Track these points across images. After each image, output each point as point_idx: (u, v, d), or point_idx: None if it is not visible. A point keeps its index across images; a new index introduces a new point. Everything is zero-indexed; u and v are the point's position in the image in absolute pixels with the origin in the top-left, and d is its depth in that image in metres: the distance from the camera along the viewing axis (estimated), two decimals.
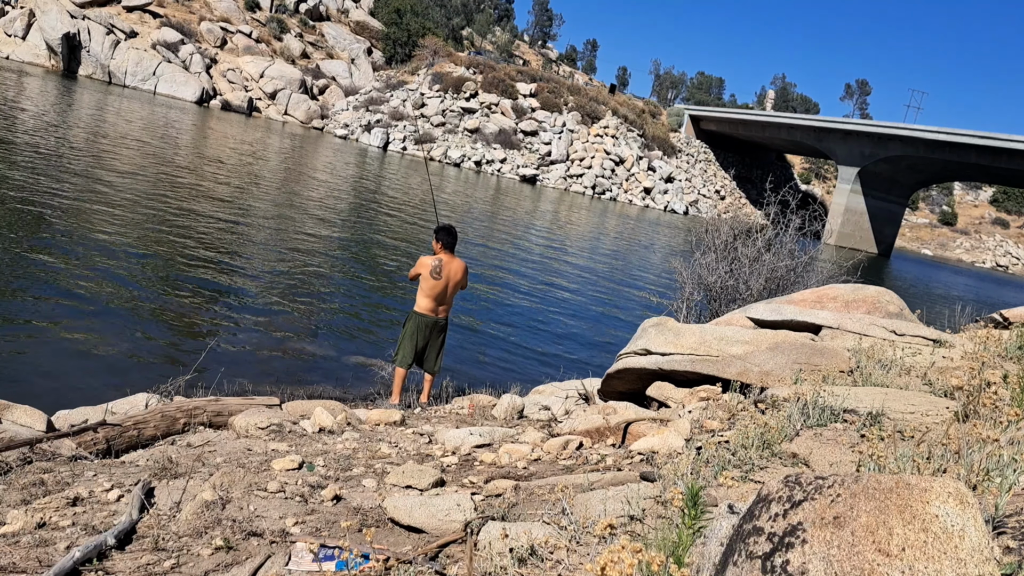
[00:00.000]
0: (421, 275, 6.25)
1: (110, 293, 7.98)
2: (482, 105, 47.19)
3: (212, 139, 26.89)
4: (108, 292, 7.99)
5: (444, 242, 6.29)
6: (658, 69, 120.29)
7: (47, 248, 9.02)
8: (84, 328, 6.88)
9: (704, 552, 1.78)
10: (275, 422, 4.67)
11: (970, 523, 1.23)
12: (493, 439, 4.28)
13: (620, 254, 23.05)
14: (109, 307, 7.58)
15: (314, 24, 53.27)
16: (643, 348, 5.21)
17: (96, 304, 7.56)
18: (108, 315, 7.36)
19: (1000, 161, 44.97)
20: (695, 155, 58.81)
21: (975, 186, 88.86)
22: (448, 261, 6.24)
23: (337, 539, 2.60)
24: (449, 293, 6.32)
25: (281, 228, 13.98)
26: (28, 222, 9.90)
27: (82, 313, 7.22)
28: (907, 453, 2.40)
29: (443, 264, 6.20)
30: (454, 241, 6.31)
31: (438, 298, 6.27)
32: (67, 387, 5.62)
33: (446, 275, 6.21)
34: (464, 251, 15.69)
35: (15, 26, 38.48)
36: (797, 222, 10.36)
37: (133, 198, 13.13)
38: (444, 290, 6.26)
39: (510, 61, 60.47)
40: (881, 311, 5.84)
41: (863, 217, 53.60)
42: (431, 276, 6.19)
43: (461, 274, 6.34)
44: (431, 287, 6.22)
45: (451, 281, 6.26)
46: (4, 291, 7.35)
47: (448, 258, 6.26)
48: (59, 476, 3.40)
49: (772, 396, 3.77)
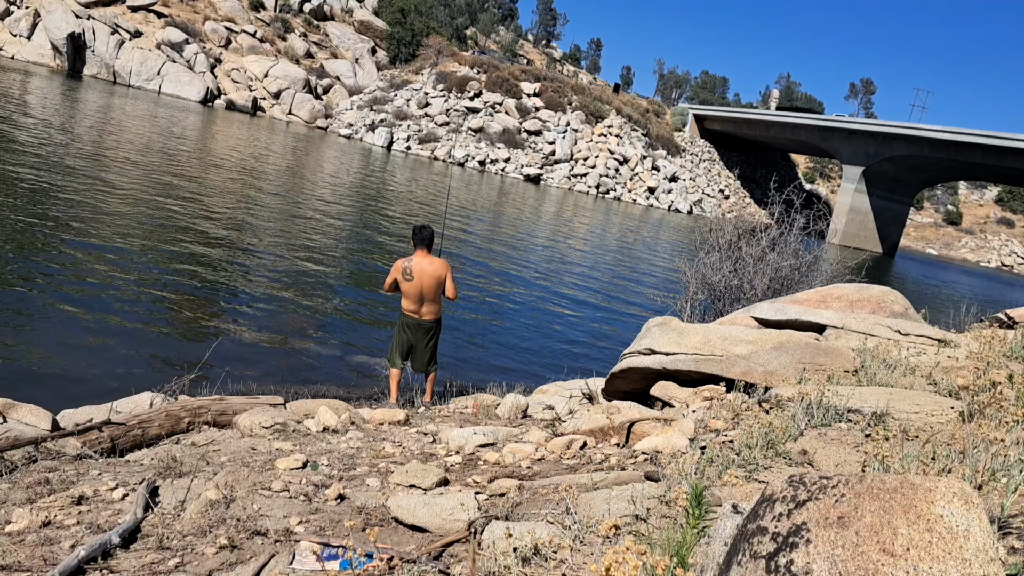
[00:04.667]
0: (396, 278, 6.16)
1: (115, 293, 8.00)
2: (486, 104, 47.19)
3: (216, 139, 26.94)
4: (113, 292, 8.01)
5: (415, 241, 6.15)
6: (662, 68, 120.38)
7: (52, 248, 9.04)
8: (89, 328, 6.90)
9: (708, 552, 1.77)
10: (279, 421, 4.67)
11: (975, 523, 1.22)
12: (497, 438, 4.28)
13: (624, 254, 23.03)
14: (114, 306, 7.60)
15: (318, 24, 53.34)
16: (647, 348, 5.20)
17: (101, 303, 7.59)
18: (113, 314, 7.38)
19: (1006, 160, 44.80)
20: (699, 154, 58.73)
21: (980, 185, 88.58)
22: (420, 261, 6.09)
23: (341, 538, 2.61)
24: (427, 293, 6.14)
25: (285, 228, 14.00)
26: (33, 222, 9.92)
27: (87, 313, 7.24)
28: (912, 453, 2.39)
29: (414, 264, 6.07)
30: (425, 239, 6.12)
31: (416, 299, 6.15)
32: (72, 386, 5.64)
33: (418, 275, 6.06)
34: (465, 251, 15.71)
35: (20, 26, 38.61)
36: (801, 221, 10.33)
37: (137, 198, 13.16)
38: (420, 291, 6.10)
39: (514, 60, 60.48)
40: (886, 311, 5.83)
41: (868, 216, 53.47)
42: (404, 278, 6.09)
43: (437, 273, 6.11)
44: (406, 289, 6.13)
45: (425, 280, 6.08)
46: (9, 290, 7.38)
47: (421, 257, 6.10)
48: (64, 475, 3.41)
49: (776, 396, 3.77)
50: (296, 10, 53.08)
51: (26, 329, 6.56)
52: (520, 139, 46.08)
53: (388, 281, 6.24)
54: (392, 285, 6.23)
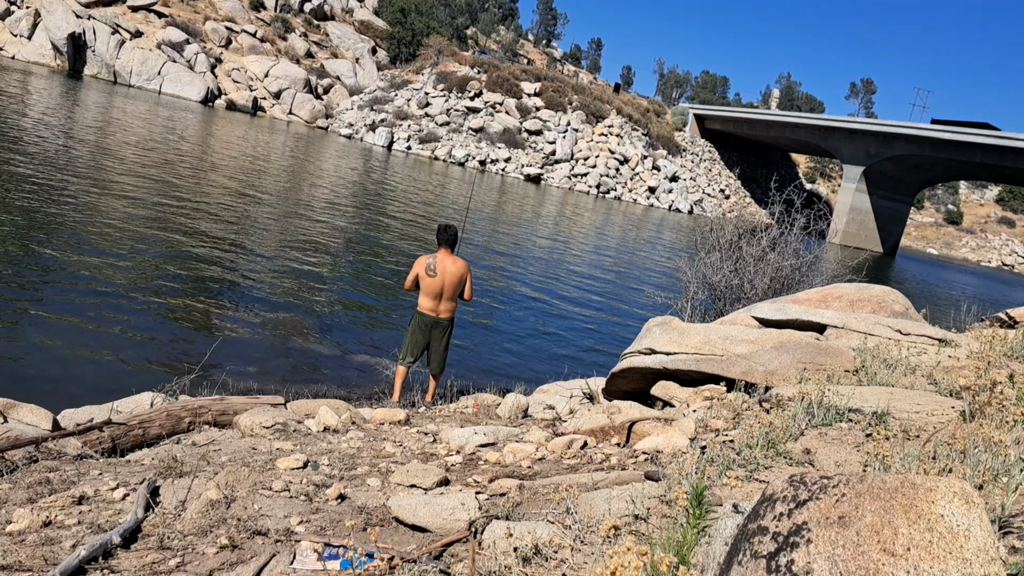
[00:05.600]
0: (418, 274, 6.23)
1: (116, 293, 8.00)
2: (486, 104, 47.20)
3: (217, 139, 26.94)
4: (113, 292, 8.02)
5: (440, 240, 6.27)
6: (662, 68, 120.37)
7: (52, 247, 9.05)
8: (90, 327, 6.90)
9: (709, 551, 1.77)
10: (280, 421, 4.67)
11: (976, 523, 1.22)
12: (497, 438, 4.28)
13: (624, 253, 23.03)
14: (115, 307, 7.60)
15: (319, 23, 53.35)
16: (647, 347, 5.20)
17: (102, 303, 7.59)
18: (114, 314, 7.38)
19: (1006, 160, 44.80)
20: (700, 154, 58.71)
21: (981, 185, 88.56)
22: (443, 258, 6.19)
23: (342, 538, 2.61)
24: (446, 291, 6.23)
25: (286, 227, 14.01)
26: (34, 222, 9.93)
27: (88, 313, 7.25)
28: (912, 453, 2.39)
29: (438, 261, 6.17)
30: (449, 239, 6.24)
31: (436, 296, 6.22)
32: (72, 386, 5.64)
33: (440, 272, 6.15)
34: (467, 251, 15.70)
35: (21, 26, 38.62)
36: (802, 221, 10.33)
37: (138, 198, 13.17)
38: (440, 288, 6.20)
39: (514, 60, 60.49)
40: (886, 310, 5.83)
41: (868, 216, 53.45)
42: (426, 274, 6.17)
43: (459, 272, 6.23)
44: (427, 285, 6.21)
45: (447, 279, 6.18)
46: (9, 290, 7.38)
47: (444, 256, 6.21)
48: (65, 475, 3.41)
49: (777, 395, 3.77)
50: (296, 10, 53.09)
51: (27, 329, 6.57)
52: (520, 139, 46.08)
53: (410, 278, 6.29)
54: (412, 282, 6.28)
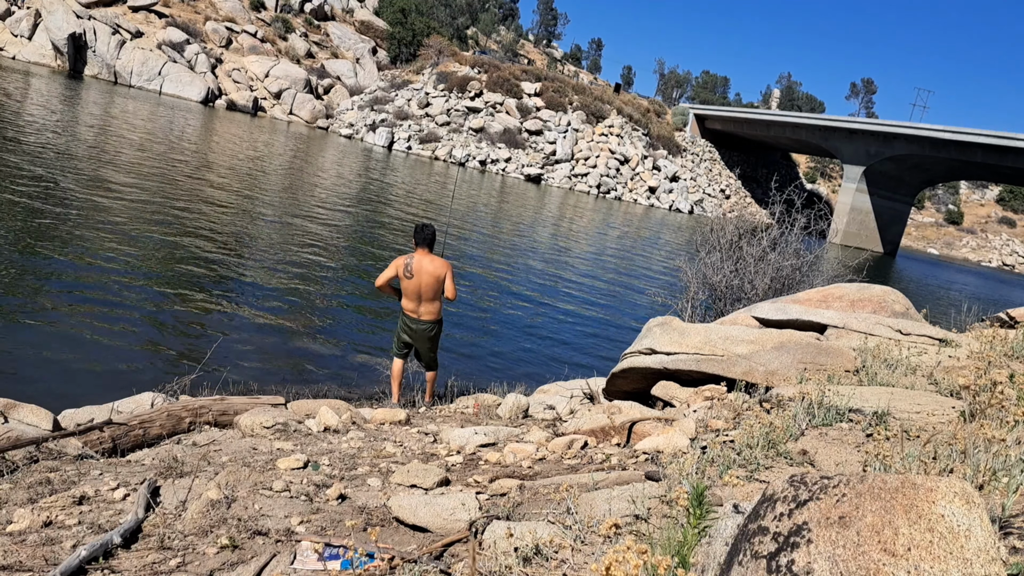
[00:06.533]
0: (397, 275, 6.16)
1: (116, 293, 8.01)
2: (487, 104, 47.19)
3: (217, 139, 26.95)
4: (114, 292, 8.02)
5: (417, 240, 6.16)
6: (663, 68, 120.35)
7: (53, 247, 9.05)
8: (90, 328, 6.90)
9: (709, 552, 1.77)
10: (280, 421, 4.67)
11: (976, 523, 1.22)
12: (498, 438, 4.28)
13: (625, 254, 23.02)
14: (115, 306, 7.61)
15: (319, 24, 53.35)
16: (648, 347, 5.20)
17: (102, 303, 7.59)
18: (114, 314, 7.38)
19: (1007, 160, 44.77)
20: (700, 154, 58.70)
21: (981, 185, 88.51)
22: (420, 259, 6.08)
23: (342, 538, 2.61)
24: (425, 292, 6.12)
25: (286, 228, 14.01)
26: (35, 222, 9.93)
27: (88, 312, 7.25)
28: (913, 453, 2.39)
29: (415, 262, 6.07)
30: (427, 238, 6.11)
31: (415, 298, 6.15)
32: (73, 386, 5.64)
33: (417, 273, 6.06)
34: (467, 251, 15.71)
35: (21, 26, 38.63)
36: (802, 221, 10.33)
37: (139, 198, 13.17)
38: (418, 289, 6.10)
39: (515, 60, 60.50)
40: (887, 310, 5.83)
41: (869, 216, 53.44)
42: (404, 275, 6.11)
43: (436, 272, 6.09)
44: (405, 287, 6.15)
45: (424, 279, 6.07)
46: (10, 290, 7.38)
47: (422, 256, 6.10)
48: (65, 475, 3.41)
49: (777, 395, 3.77)
50: (297, 10, 53.10)
51: (27, 329, 6.57)
52: (521, 139, 46.07)
53: (384, 275, 6.20)
54: (386, 281, 6.21)
